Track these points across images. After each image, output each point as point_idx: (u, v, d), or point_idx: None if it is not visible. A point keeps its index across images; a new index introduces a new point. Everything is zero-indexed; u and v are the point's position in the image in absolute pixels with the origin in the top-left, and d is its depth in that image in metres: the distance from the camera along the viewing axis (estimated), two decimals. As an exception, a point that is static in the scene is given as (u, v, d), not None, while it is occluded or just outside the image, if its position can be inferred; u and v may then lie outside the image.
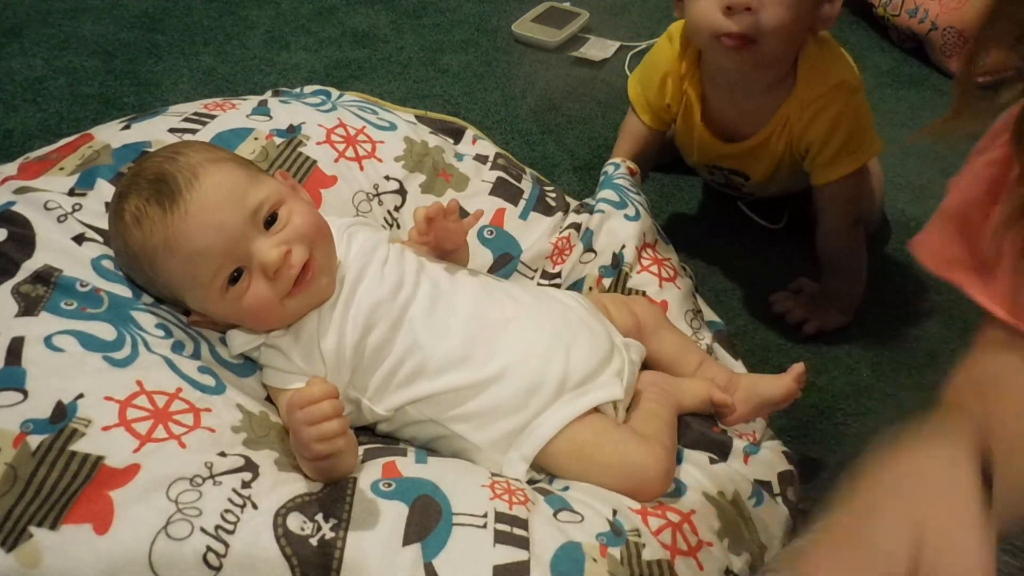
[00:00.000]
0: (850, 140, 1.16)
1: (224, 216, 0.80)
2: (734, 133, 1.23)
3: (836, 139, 1.15)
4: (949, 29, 1.73)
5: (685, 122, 1.26)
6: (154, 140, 0.99)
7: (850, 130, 1.15)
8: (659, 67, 1.24)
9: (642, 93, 1.28)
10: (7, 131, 1.48)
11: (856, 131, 1.16)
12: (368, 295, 0.85)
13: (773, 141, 1.19)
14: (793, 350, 1.21)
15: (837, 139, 1.15)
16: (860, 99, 1.17)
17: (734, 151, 1.24)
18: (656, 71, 1.24)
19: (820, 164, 1.18)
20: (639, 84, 1.29)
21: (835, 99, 1.14)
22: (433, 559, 0.70)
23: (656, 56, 1.25)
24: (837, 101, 1.14)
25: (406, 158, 1.08)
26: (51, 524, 0.67)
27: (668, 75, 1.23)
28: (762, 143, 1.20)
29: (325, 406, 0.72)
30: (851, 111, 1.15)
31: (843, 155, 1.16)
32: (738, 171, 1.27)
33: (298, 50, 1.77)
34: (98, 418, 0.72)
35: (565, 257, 1.09)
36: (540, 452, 0.84)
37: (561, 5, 1.92)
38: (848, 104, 1.15)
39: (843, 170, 1.17)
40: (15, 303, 0.79)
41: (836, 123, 1.15)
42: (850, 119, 1.15)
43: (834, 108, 1.14)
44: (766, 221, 1.40)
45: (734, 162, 1.26)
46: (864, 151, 1.18)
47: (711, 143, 1.25)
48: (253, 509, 0.71)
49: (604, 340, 0.91)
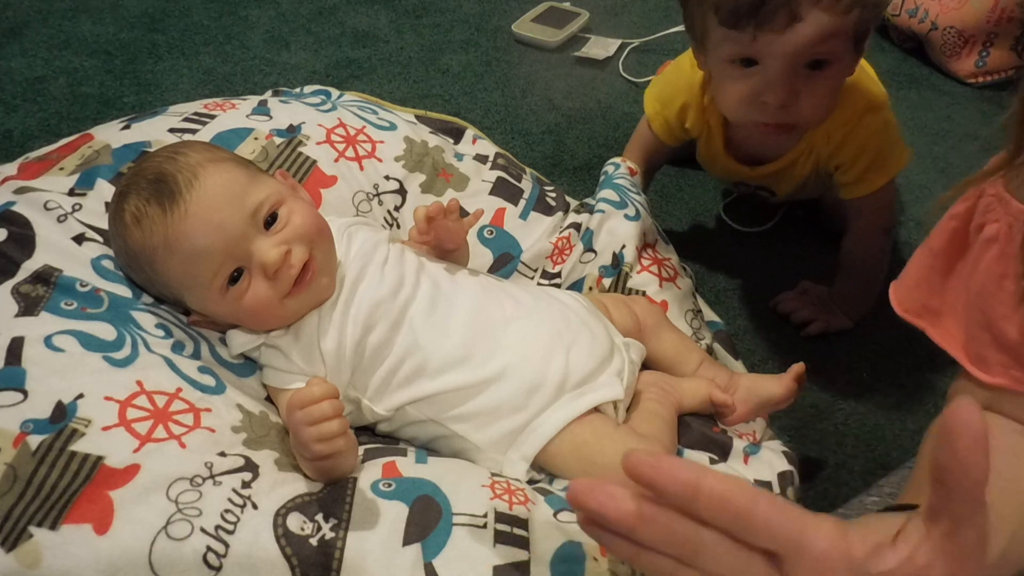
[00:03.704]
0: (879, 157, 1.13)
1: (224, 216, 0.80)
2: (758, 158, 1.20)
3: (865, 158, 1.13)
4: (949, 29, 1.73)
5: (707, 147, 1.23)
6: (154, 140, 0.99)
7: (879, 148, 1.13)
8: (680, 92, 1.20)
9: (661, 112, 1.24)
10: (7, 131, 1.48)
11: (885, 147, 1.14)
12: (368, 295, 0.85)
13: (800, 164, 1.17)
14: (793, 350, 1.21)
15: (866, 158, 1.13)
16: (887, 115, 1.14)
17: (759, 173, 1.22)
18: (677, 95, 1.20)
19: (850, 181, 1.16)
20: (658, 102, 1.24)
21: (862, 122, 1.11)
22: (433, 559, 0.70)
23: (677, 79, 1.21)
24: (864, 123, 1.11)
25: (406, 158, 1.08)
26: (51, 524, 0.67)
27: (689, 104, 1.19)
28: (788, 167, 1.18)
29: (325, 406, 0.73)
30: (878, 130, 1.13)
31: (872, 171, 1.14)
32: (764, 187, 1.26)
33: (298, 50, 1.77)
34: (98, 418, 0.72)
35: (565, 257, 1.09)
36: (540, 452, 0.84)
37: (561, 5, 1.92)
38: (875, 124, 1.12)
39: (873, 185, 1.15)
40: (15, 303, 0.79)
41: (865, 144, 1.12)
42: (878, 138, 1.13)
43: (862, 131, 1.11)
44: (756, 223, 1.40)
45: (760, 181, 1.25)
46: (893, 164, 1.15)
47: (735, 167, 1.22)
48: (253, 509, 0.71)
49: (604, 340, 0.91)
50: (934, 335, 0.75)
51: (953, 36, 1.73)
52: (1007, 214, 0.67)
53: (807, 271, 1.29)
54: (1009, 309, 0.68)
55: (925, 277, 0.75)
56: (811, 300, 1.25)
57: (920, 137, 1.59)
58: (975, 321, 0.71)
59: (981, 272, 0.69)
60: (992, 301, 0.69)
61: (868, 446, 1.11)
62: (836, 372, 1.20)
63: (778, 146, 1.17)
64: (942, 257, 0.74)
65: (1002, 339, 0.69)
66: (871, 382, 1.19)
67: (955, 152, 1.55)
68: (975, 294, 0.70)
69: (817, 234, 1.36)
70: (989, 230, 0.69)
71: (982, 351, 0.71)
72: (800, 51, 0.97)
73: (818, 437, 1.10)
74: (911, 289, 0.77)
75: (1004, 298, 0.68)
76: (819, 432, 1.12)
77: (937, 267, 0.74)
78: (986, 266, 0.69)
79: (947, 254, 0.73)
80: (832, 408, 1.16)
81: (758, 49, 0.98)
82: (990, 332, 0.69)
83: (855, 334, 1.24)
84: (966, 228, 0.71)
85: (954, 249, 0.73)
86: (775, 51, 0.97)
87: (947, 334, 0.74)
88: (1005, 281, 0.68)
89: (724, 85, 1.05)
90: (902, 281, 0.78)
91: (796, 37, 0.96)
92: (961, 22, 1.71)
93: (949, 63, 1.76)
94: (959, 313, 0.73)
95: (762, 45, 0.97)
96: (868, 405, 1.16)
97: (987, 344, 0.70)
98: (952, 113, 1.67)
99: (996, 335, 0.69)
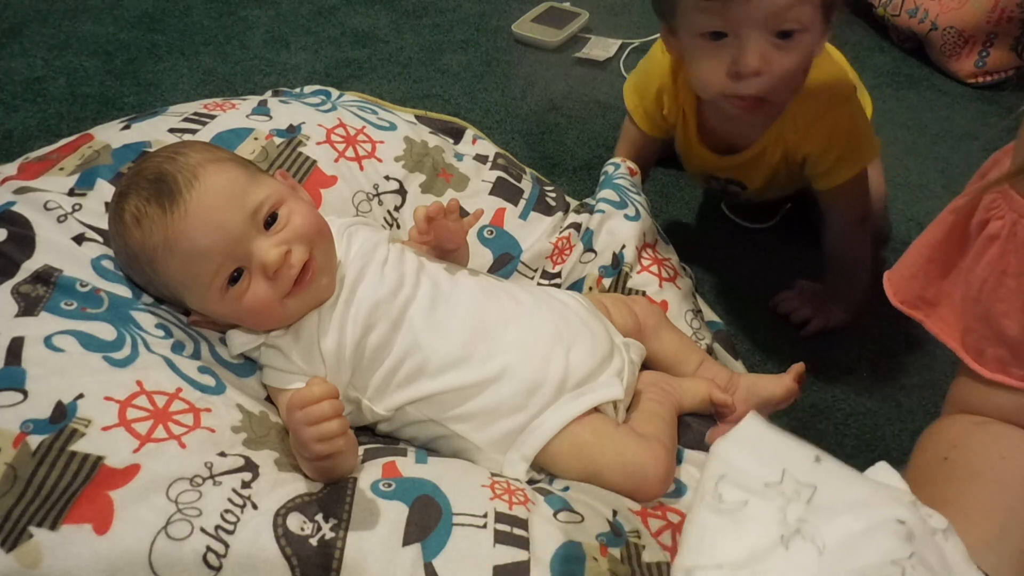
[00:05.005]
0: (848, 147, 1.15)
1: (224, 216, 0.80)
2: (729, 146, 1.22)
3: (834, 149, 1.15)
4: (949, 29, 1.73)
5: (683, 135, 1.25)
6: (154, 140, 0.99)
7: (847, 138, 1.15)
8: (653, 79, 1.22)
9: (640, 103, 1.26)
10: (7, 131, 1.48)
11: (853, 138, 1.15)
12: (368, 295, 0.85)
13: (769, 153, 1.19)
14: (793, 350, 1.21)
15: (835, 149, 1.15)
16: (853, 106, 1.16)
17: (730, 163, 1.23)
18: (651, 83, 1.23)
19: (820, 173, 1.18)
20: (636, 94, 1.27)
21: (829, 111, 1.13)
22: (433, 559, 0.70)
23: (650, 67, 1.24)
24: (831, 112, 1.13)
25: (406, 158, 1.08)
26: (51, 524, 0.67)
27: (663, 89, 1.21)
28: (758, 155, 1.19)
29: (325, 406, 0.72)
30: (846, 120, 1.14)
31: (843, 162, 1.16)
32: (735, 180, 1.27)
33: (298, 50, 1.77)
34: (98, 418, 0.72)
35: (565, 257, 1.09)
36: (540, 452, 0.84)
37: (561, 5, 1.92)
38: (842, 114, 1.14)
39: (844, 176, 1.17)
40: (15, 303, 0.79)
41: (832, 134, 1.14)
42: (845, 128, 1.14)
43: (829, 119, 1.13)
44: (759, 220, 1.40)
45: (731, 173, 1.26)
46: (863, 155, 1.17)
47: (707, 156, 1.24)
48: (253, 509, 0.71)
49: (604, 340, 0.91)
50: (930, 326, 0.75)
51: (953, 36, 1.73)
52: (1012, 211, 0.67)
53: (807, 271, 1.29)
54: (1010, 306, 0.68)
55: (922, 269, 0.75)
56: (809, 298, 1.25)
57: (920, 137, 1.59)
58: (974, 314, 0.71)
59: (983, 268, 0.69)
60: (993, 297, 0.69)
61: (868, 446, 1.11)
62: (836, 372, 1.20)
63: (751, 130, 1.17)
64: (940, 249, 0.74)
65: (1002, 335, 0.69)
66: (871, 382, 1.19)
67: (955, 152, 1.55)
68: (975, 289, 0.70)
69: (817, 234, 1.36)
70: (993, 227, 0.69)
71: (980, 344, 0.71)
72: (769, 19, 0.99)
73: (818, 437, 1.10)
74: (907, 280, 0.77)
75: (1005, 295, 0.68)
76: (819, 432, 1.12)
77: (935, 259, 0.74)
78: (988, 262, 0.69)
79: (945, 247, 0.73)
80: (832, 408, 1.16)
81: (728, 18, 0.99)
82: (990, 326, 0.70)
83: (855, 334, 1.24)
84: (966, 223, 0.71)
85: (952, 243, 0.73)
86: (745, 19, 0.99)
87: (943, 324, 0.74)
88: (1007, 278, 0.68)
89: (696, 62, 1.06)
90: (898, 271, 0.78)
91: (765, 4, 0.98)
92: (961, 22, 1.72)
93: (949, 63, 1.76)
94: (956, 305, 0.73)
95: (732, 14, 0.99)
96: (868, 405, 1.16)
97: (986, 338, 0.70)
98: (952, 113, 1.67)
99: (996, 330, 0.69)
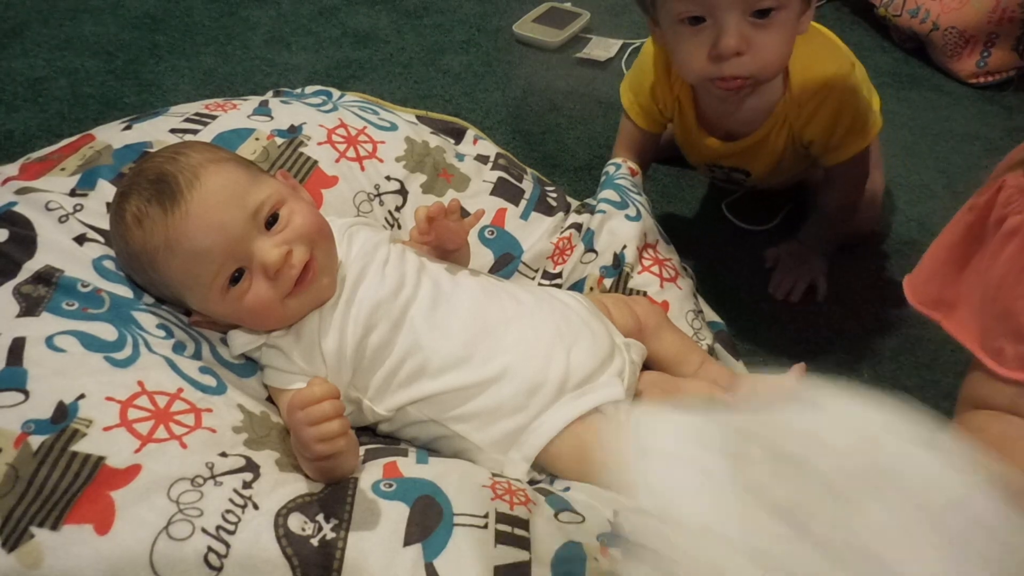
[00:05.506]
0: (854, 124, 1.17)
1: (225, 216, 0.80)
2: (731, 132, 1.22)
3: (841, 127, 1.16)
4: (950, 29, 1.73)
5: (682, 125, 1.25)
6: (155, 140, 0.99)
7: (852, 115, 1.16)
8: (647, 75, 1.23)
9: (635, 100, 1.27)
10: (8, 131, 1.48)
11: (858, 114, 1.17)
12: (369, 295, 0.86)
13: (773, 137, 1.19)
14: (794, 351, 1.21)
15: (842, 127, 1.16)
16: (855, 82, 1.17)
17: (733, 149, 1.23)
18: (645, 78, 1.23)
19: (829, 149, 1.19)
20: (631, 91, 1.28)
21: (832, 92, 1.14)
22: (434, 559, 0.70)
23: (643, 64, 1.24)
24: (834, 93, 1.14)
25: (407, 158, 1.08)
26: (52, 524, 0.67)
27: (656, 83, 1.22)
28: (762, 140, 1.20)
29: (326, 406, 0.72)
30: (849, 98, 1.15)
31: (850, 138, 1.18)
32: (739, 168, 1.27)
33: (299, 50, 1.77)
34: (99, 418, 0.72)
35: (566, 257, 1.09)
36: (541, 452, 0.84)
37: (562, 5, 1.92)
38: (845, 92, 1.15)
39: (852, 150, 1.19)
40: (16, 304, 0.79)
41: (837, 113, 1.15)
42: (850, 106, 1.16)
43: (833, 100, 1.14)
44: (760, 222, 1.40)
45: (734, 160, 1.26)
46: (869, 128, 1.19)
47: (709, 143, 1.24)
48: (254, 509, 0.71)
49: (605, 340, 0.91)
50: (948, 326, 0.75)
51: (954, 36, 1.73)
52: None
53: (807, 271, 1.29)
54: None
55: (939, 270, 0.75)
56: (792, 266, 1.27)
57: (921, 137, 1.59)
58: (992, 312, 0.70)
59: (1001, 264, 0.69)
60: (1012, 294, 0.68)
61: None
62: (836, 372, 1.20)
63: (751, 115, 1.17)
64: (957, 250, 0.73)
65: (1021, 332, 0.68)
66: (871, 382, 1.19)
67: (956, 152, 1.55)
68: (994, 287, 0.70)
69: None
70: (1011, 223, 0.68)
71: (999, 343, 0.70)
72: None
73: (819, 437, 1.10)
74: (925, 282, 0.76)
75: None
76: (820, 432, 1.12)
77: (952, 260, 0.74)
78: (1007, 258, 0.68)
79: (962, 247, 0.73)
80: (833, 408, 1.15)
81: (704, 2, 1.00)
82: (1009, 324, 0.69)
83: (855, 334, 1.24)
84: (983, 221, 0.71)
85: (970, 242, 0.72)
86: (720, 1, 0.99)
87: (961, 325, 0.74)
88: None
89: (679, 48, 1.07)
90: (916, 274, 0.78)
91: None
92: (962, 22, 1.71)
93: (950, 63, 1.75)
94: (974, 305, 0.72)
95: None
96: (869, 405, 1.16)
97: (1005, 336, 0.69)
98: (953, 113, 1.66)
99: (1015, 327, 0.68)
